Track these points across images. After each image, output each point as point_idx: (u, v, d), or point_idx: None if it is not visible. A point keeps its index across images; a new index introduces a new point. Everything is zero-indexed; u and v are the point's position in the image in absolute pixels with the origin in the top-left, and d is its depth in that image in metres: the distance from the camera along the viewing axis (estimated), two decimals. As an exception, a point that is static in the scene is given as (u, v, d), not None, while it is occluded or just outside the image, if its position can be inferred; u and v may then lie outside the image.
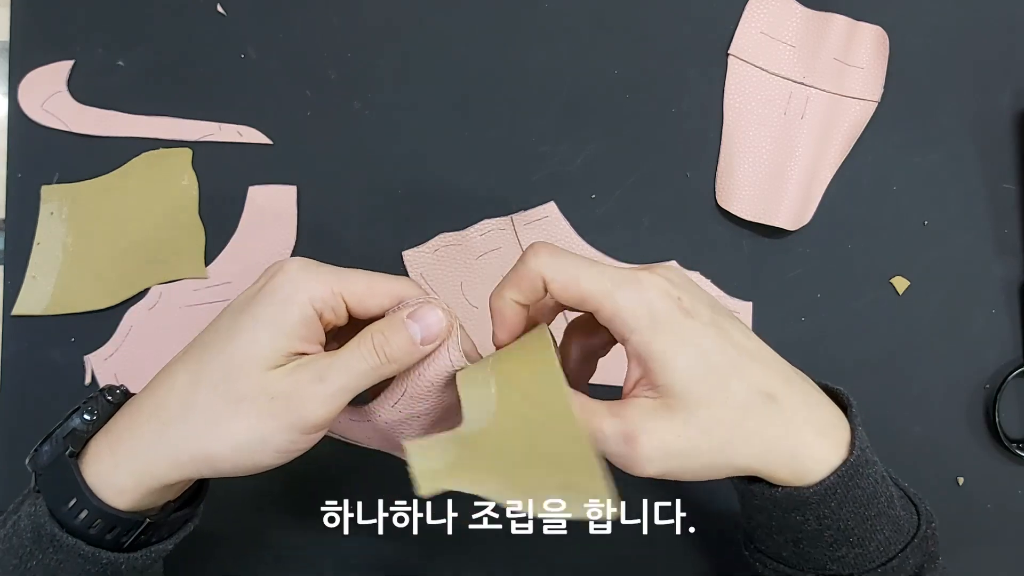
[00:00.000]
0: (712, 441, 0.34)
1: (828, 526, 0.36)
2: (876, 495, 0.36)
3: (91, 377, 0.50)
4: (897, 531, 0.37)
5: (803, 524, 0.36)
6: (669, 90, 0.54)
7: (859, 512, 0.36)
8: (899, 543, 0.37)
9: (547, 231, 0.52)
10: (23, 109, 0.52)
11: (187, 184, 0.52)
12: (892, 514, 0.37)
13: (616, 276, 0.35)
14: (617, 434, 0.34)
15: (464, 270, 0.52)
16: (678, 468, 0.34)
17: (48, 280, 0.51)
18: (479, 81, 0.54)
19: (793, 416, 0.35)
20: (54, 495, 0.35)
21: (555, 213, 0.52)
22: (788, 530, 0.37)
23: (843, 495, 0.35)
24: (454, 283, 0.52)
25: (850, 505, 0.36)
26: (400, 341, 0.35)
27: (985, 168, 0.54)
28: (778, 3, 0.54)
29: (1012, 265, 0.54)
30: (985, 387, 0.53)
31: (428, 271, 0.52)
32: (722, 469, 0.35)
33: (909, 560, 0.37)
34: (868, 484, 0.36)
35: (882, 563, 0.36)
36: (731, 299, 0.53)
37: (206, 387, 0.34)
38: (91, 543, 0.34)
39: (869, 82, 0.54)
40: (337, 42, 0.54)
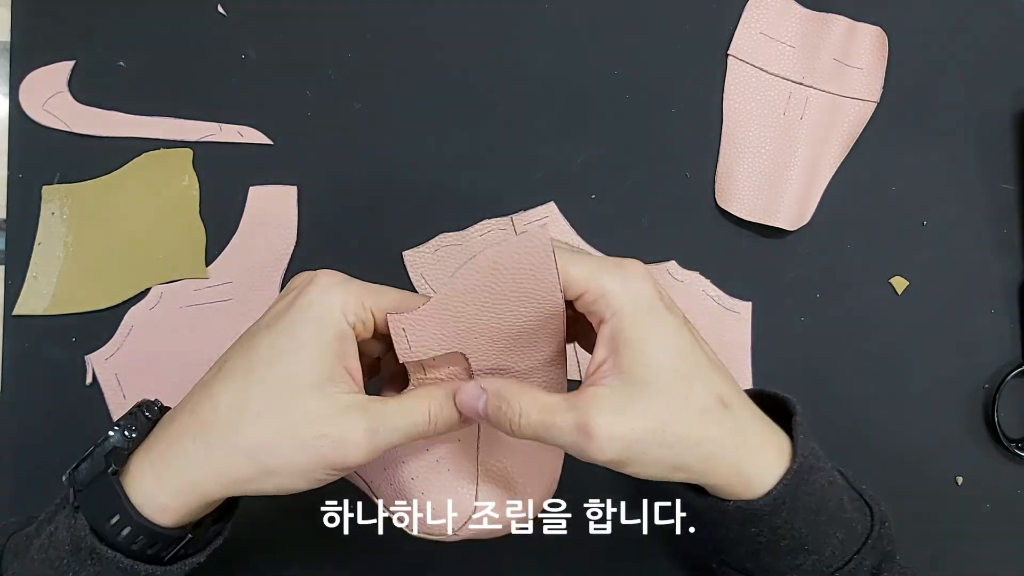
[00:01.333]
0: (666, 435, 0.34)
1: (783, 536, 0.37)
2: (825, 500, 0.37)
3: (92, 377, 0.50)
4: (851, 534, 0.38)
5: (758, 536, 0.37)
6: (669, 90, 0.54)
7: (810, 519, 0.37)
8: (854, 545, 0.38)
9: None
10: (24, 109, 0.52)
11: (188, 184, 0.52)
12: (844, 518, 0.38)
13: (602, 262, 0.36)
14: (572, 426, 0.34)
15: None
16: (628, 459, 0.34)
17: (49, 280, 0.51)
18: (479, 81, 0.54)
19: (744, 427, 0.36)
20: (95, 511, 0.35)
21: (555, 213, 0.52)
22: (746, 542, 0.38)
23: (791, 504, 0.36)
24: None
25: (800, 513, 0.36)
26: (451, 414, 0.37)
27: (984, 168, 0.54)
28: (778, 4, 0.54)
29: (1011, 265, 0.54)
30: (984, 387, 0.53)
31: (428, 271, 0.52)
32: (670, 466, 0.35)
33: (866, 561, 0.38)
34: (816, 491, 0.37)
35: (839, 567, 0.37)
36: (730, 299, 0.53)
37: (252, 411, 0.34)
38: (130, 557, 0.35)
39: (868, 82, 0.54)
40: (337, 42, 0.54)
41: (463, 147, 0.54)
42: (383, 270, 0.38)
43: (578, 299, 0.36)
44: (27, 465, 0.50)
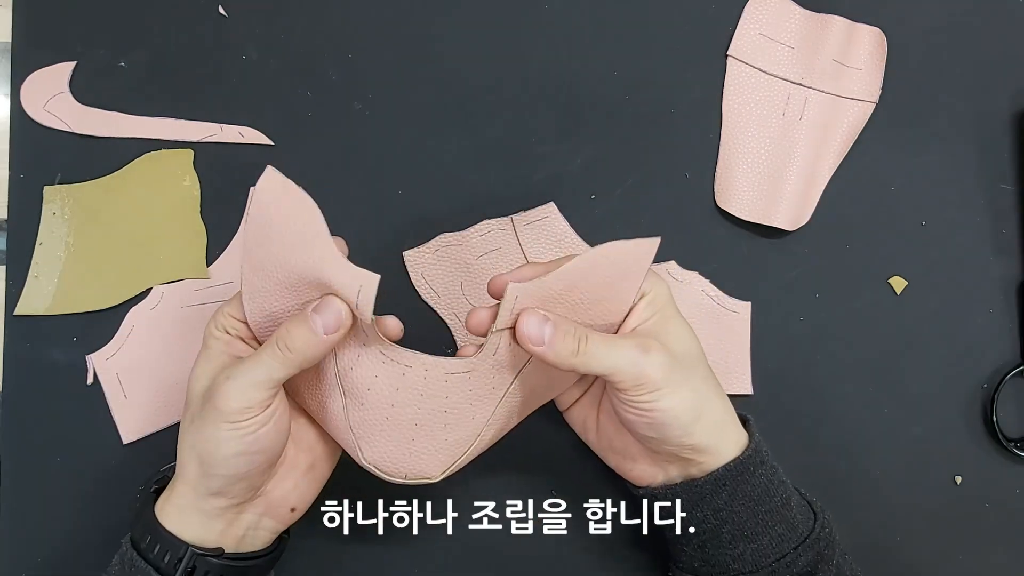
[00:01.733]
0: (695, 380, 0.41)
1: (724, 520, 0.41)
2: (769, 494, 0.42)
3: (93, 377, 0.51)
4: (791, 530, 0.41)
5: (703, 522, 0.42)
6: (669, 90, 0.54)
7: (751, 508, 0.41)
8: (793, 541, 0.41)
9: (547, 231, 0.52)
10: (25, 110, 0.52)
11: (189, 185, 0.52)
12: (786, 514, 0.42)
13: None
14: (633, 344, 0.39)
15: (464, 270, 0.52)
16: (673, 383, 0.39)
17: (50, 280, 0.51)
18: (479, 81, 0.54)
19: (734, 418, 0.43)
20: (136, 528, 0.41)
21: (555, 213, 0.53)
22: (694, 535, 0.42)
23: (733, 488, 0.41)
24: (455, 283, 0.52)
25: (741, 499, 0.41)
26: (300, 332, 0.38)
27: (983, 168, 0.54)
28: (777, 4, 0.54)
29: (1010, 265, 0.54)
30: (983, 387, 0.53)
31: (429, 271, 0.52)
32: (696, 411, 0.40)
33: (801, 557, 0.41)
34: (760, 482, 0.41)
35: (776, 559, 0.41)
36: (730, 299, 0.53)
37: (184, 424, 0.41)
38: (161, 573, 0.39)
39: (867, 83, 0.54)
40: (337, 42, 0.54)
41: (463, 147, 0.54)
42: (383, 270, 0.38)
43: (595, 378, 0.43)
44: (27, 465, 0.50)
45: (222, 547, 0.40)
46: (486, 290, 0.43)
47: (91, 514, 0.50)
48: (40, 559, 0.50)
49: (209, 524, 0.40)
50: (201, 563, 0.39)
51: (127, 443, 0.50)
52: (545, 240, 0.52)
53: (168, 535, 0.39)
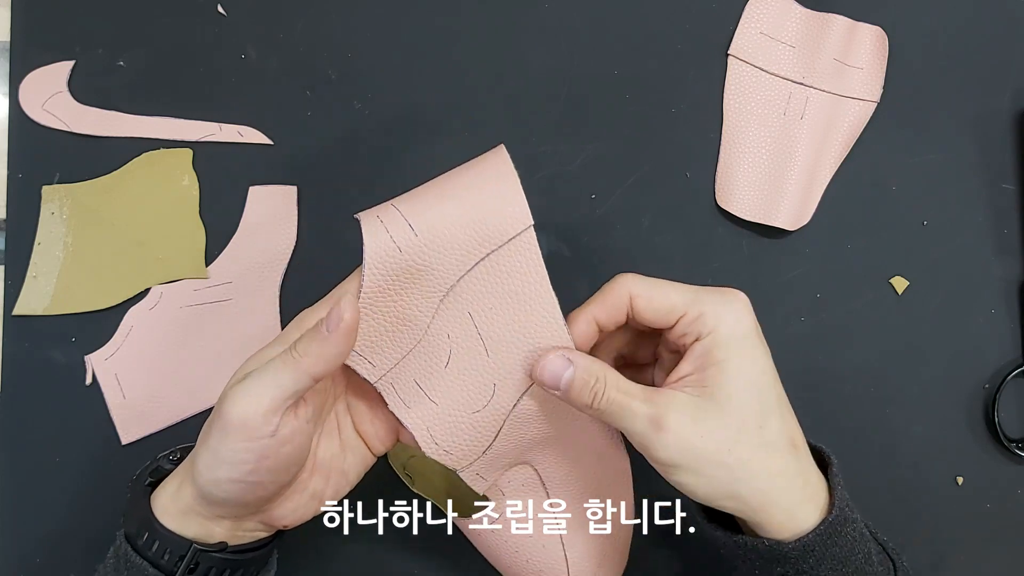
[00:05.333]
0: (731, 456, 0.36)
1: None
2: (854, 552, 0.38)
3: (91, 377, 0.50)
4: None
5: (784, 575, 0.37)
6: (669, 90, 0.54)
7: (836, 569, 0.37)
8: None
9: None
10: (24, 109, 0.52)
11: (187, 184, 0.52)
12: (869, 570, 0.38)
13: (702, 288, 0.38)
14: (646, 416, 0.36)
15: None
16: (687, 466, 0.36)
17: (49, 280, 0.51)
18: (479, 81, 0.54)
19: (805, 471, 0.38)
20: (131, 523, 0.39)
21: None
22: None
23: (821, 552, 0.36)
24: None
25: (828, 562, 0.37)
26: (308, 338, 0.36)
27: (984, 168, 0.54)
28: (778, 3, 0.54)
29: (1011, 265, 0.54)
30: (984, 387, 0.53)
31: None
32: (724, 489, 0.36)
33: None
34: (846, 542, 0.37)
35: None
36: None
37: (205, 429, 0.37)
38: (157, 568, 0.37)
39: (868, 82, 0.54)
40: (337, 42, 0.54)
41: (463, 147, 0.53)
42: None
43: (676, 323, 0.38)
44: (27, 465, 0.50)
45: (225, 542, 0.39)
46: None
47: (90, 514, 0.50)
48: (40, 559, 0.50)
49: (212, 526, 0.38)
50: (204, 559, 0.38)
51: (126, 443, 0.50)
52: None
53: (169, 533, 0.37)
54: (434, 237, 0.36)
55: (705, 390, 0.36)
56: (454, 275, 0.37)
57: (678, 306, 0.37)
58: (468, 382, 0.39)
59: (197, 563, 0.38)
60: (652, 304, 0.38)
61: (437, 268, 0.37)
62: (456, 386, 0.39)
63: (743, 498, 0.36)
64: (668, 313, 0.38)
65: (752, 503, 0.36)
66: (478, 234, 0.37)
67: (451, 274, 0.37)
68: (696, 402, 0.36)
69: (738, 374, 0.36)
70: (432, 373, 0.39)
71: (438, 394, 0.39)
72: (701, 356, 0.37)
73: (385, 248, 0.36)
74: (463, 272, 0.37)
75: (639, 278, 0.39)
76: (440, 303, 0.38)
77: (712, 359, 0.36)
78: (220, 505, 0.37)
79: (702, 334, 0.37)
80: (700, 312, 0.37)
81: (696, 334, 0.37)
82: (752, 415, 0.36)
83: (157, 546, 0.37)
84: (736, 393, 0.36)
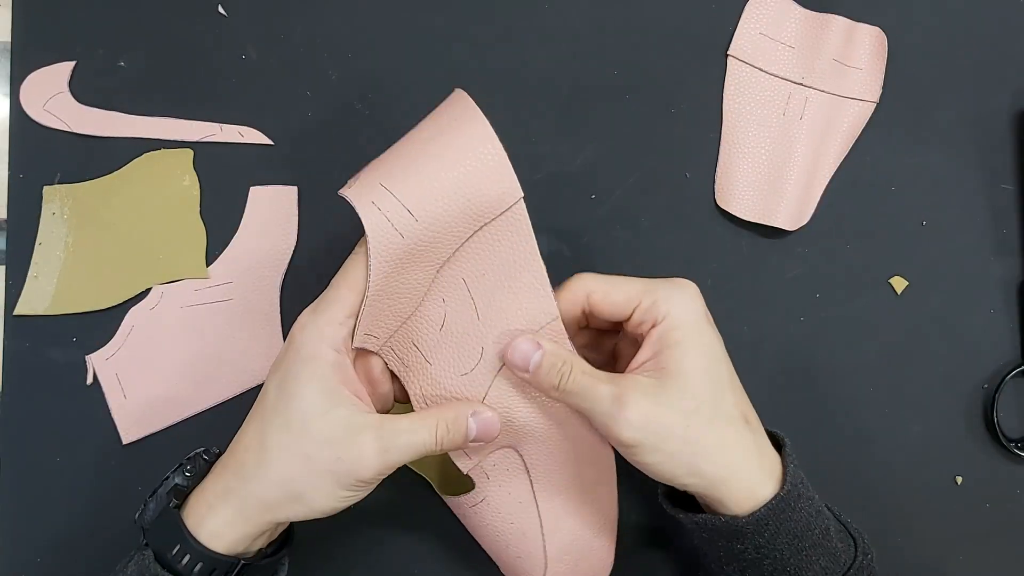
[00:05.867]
0: (688, 431, 0.37)
1: (766, 555, 0.39)
2: (810, 527, 0.39)
3: (92, 377, 0.51)
4: (833, 561, 0.40)
5: (744, 553, 0.39)
6: (669, 90, 0.54)
7: (793, 543, 0.39)
8: (835, 572, 0.39)
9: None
10: (25, 110, 0.52)
11: (188, 184, 0.52)
12: (828, 546, 0.40)
13: (649, 280, 0.40)
14: (610, 396, 0.37)
15: None
16: (648, 443, 0.37)
17: (50, 280, 0.51)
18: (479, 81, 0.54)
19: (759, 448, 0.40)
20: (160, 543, 0.38)
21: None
22: (734, 560, 0.40)
23: (776, 527, 0.38)
24: None
25: (783, 536, 0.39)
26: (457, 437, 0.39)
27: (983, 168, 0.54)
28: (777, 4, 0.54)
29: (1010, 265, 0.54)
30: (984, 387, 0.53)
31: None
32: (685, 465, 0.38)
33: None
34: (801, 517, 0.39)
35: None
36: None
37: (273, 447, 0.38)
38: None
39: (868, 83, 0.54)
40: (337, 42, 0.54)
41: (463, 147, 0.54)
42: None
43: (631, 315, 0.40)
44: (28, 465, 0.50)
45: (260, 548, 0.40)
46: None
47: (91, 514, 0.50)
48: (40, 559, 0.50)
49: (261, 539, 0.39)
50: (249, 571, 0.39)
51: (126, 443, 0.50)
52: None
53: (212, 553, 0.37)
54: (433, 220, 0.38)
55: (663, 371, 0.38)
56: (451, 248, 0.39)
57: (632, 296, 0.39)
58: (459, 344, 0.41)
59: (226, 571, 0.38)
60: (608, 298, 0.40)
61: (436, 245, 0.39)
62: (448, 347, 0.41)
63: (703, 473, 0.38)
64: (624, 305, 0.40)
65: (712, 477, 0.38)
66: (472, 209, 0.38)
67: (448, 247, 0.39)
68: (655, 383, 0.38)
69: (692, 353, 0.38)
70: (428, 334, 0.40)
71: (432, 354, 0.41)
72: (657, 340, 0.39)
73: (388, 237, 0.37)
74: (459, 244, 0.39)
75: (594, 275, 0.41)
76: (437, 274, 0.40)
77: (667, 341, 0.38)
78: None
79: (657, 320, 0.39)
80: (654, 300, 0.39)
81: (652, 321, 0.39)
82: (707, 391, 0.38)
83: (200, 568, 0.37)
84: (691, 371, 0.38)
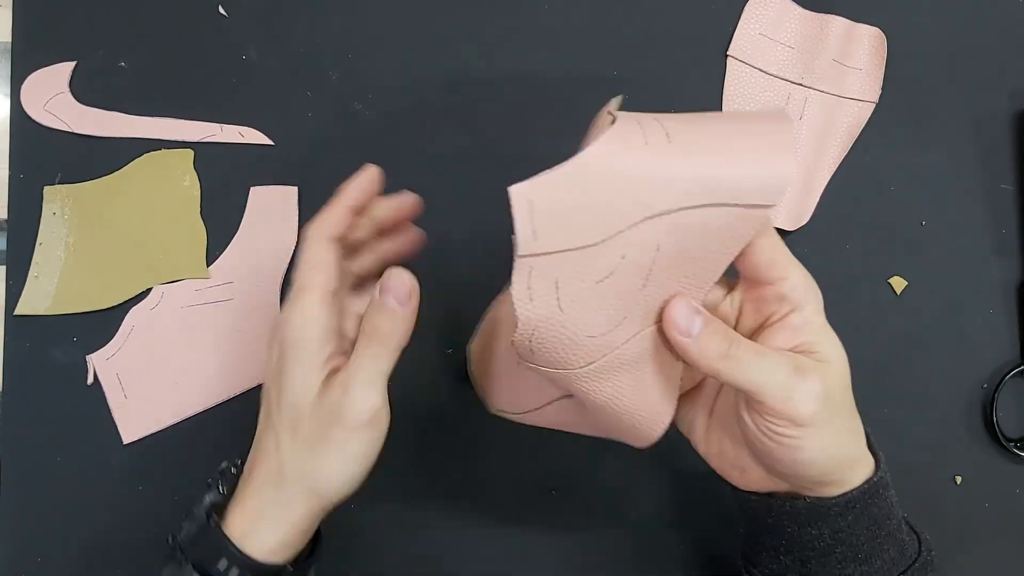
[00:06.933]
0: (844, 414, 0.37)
1: (841, 540, 0.38)
2: (889, 516, 0.39)
3: (93, 377, 0.51)
4: (901, 554, 0.39)
5: (817, 540, 0.38)
6: (669, 90, 0.54)
7: (871, 530, 0.38)
8: (901, 565, 0.39)
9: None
10: (25, 110, 0.52)
11: (189, 184, 0.52)
12: (899, 537, 0.39)
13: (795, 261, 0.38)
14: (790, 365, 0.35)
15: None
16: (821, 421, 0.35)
17: (50, 280, 0.51)
18: (479, 81, 0.54)
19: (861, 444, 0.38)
20: (203, 560, 0.37)
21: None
22: (798, 549, 0.39)
23: (861, 509, 0.37)
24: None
25: (865, 521, 0.38)
26: (382, 318, 0.37)
27: (983, 168, 0.54)
28: (777, 4, 0.54)
29: (1010, 265, 0.54)
30: (983, 387, 0.53)
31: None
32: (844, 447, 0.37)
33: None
34: (884, 504, 0.38)
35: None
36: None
37: (287, 442, 0.38)
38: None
39: (867, 83, 0.54)
40: (337, 42, 0.54)
41: (462, 147, 0.54)
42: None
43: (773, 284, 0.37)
44: (28, 465, 0.50)
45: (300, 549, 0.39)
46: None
47: (91, 514, 0.50)
48: (40, 559, 0.50)
49: (299, 543, 0.39)
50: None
51: (127, 443, 0.50)
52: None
53: (262, 564, 0.37)
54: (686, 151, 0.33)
55: (815, 356, 0.36)
56: (675, 202, 0.33)
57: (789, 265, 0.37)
58: (608, 306, 0.35)
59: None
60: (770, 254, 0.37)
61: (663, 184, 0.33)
62: (594, 305, 0.35)
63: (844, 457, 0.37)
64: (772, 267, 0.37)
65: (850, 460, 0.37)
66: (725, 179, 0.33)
67: (673, 198, 0.33)
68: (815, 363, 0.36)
69: (834, 342, 0.37)
70: (579, 282, 0.34)
71: (569, 304, 0.35)
72: (803, 325, 0.37)
73: (631, 133, 0.33)
74: (686, 205, 0.33)
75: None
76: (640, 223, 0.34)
77: (813, 328, 0.37)
78: (334, 505, 0.38)
79: (799, 304, 0.37)
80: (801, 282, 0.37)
81: (795, 303, 0.37)
82: (847, 387, 0.37)
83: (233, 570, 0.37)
84: (837, 359, 0.37)
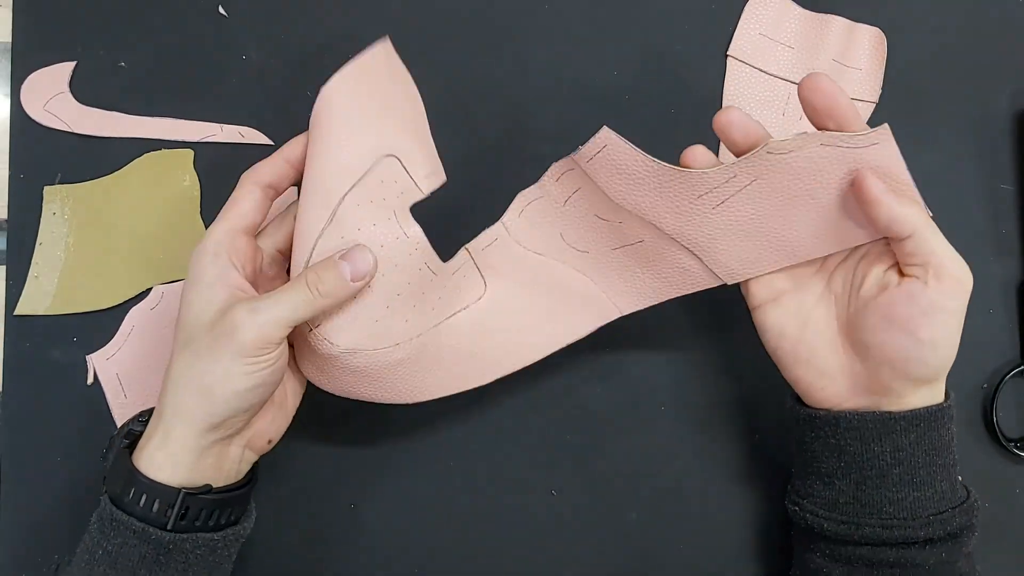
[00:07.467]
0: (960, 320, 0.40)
1: (900, 460, 0.40)
2: (948, 449, 0.41)
3: (93, 377, 0.51)
4: (952, 490, 0.41)
5: (878, 457, 0.40)
6: (669, 90, 0.54)
7: (930, 455, 0.40)
8: (953, 501, 0.41)
9: (611, 162, 0.45)
10: (25, 110, 0.52)
11: (188, 185, 0.52)
12: (953, 475, 0.41)
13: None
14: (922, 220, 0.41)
15: (559, 218, 0.48)
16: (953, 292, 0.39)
17: (50, 280, 0.51)
18: (480, 81, 0.54)
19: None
20: (114, 484, 0.39)
21: (613, 138, 0.45)
22: (856, 469, 0.41)
23: (923, 431, 0.40)
24: (553, 235, 0.48)
25: (925, 444, 0.40)
26: (331, 278, 0.39)
27: (983, 168, 0.54)
28: (777, 4, 0.54)
29: (1010, 265, 0.54)
30: (983, 387, 0.53)
31: (522, 235, 0.48)
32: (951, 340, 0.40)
33: (955, 519, 0.40)
34: (946, 435, 0.41)
35: (934, 513, 0.40)
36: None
37: (177, 354, 0.40)
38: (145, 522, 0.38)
39: (867, 83, 0.54)
40: (337, 42, 0.54)
41: (462, 147, 0.54)
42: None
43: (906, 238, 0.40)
44: (28, 465, 0.51)
45: (210, 484, 0.40)
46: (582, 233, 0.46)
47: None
48: (40, 559, 0.50)
49: (200, 463, 0.40)
50: (193, 502, 0.39)
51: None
52: (615, 174, 0.45)
53: (156, 484, 0.38)
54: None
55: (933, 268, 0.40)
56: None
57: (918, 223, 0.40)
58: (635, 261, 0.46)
59: (187, 508, 0.39)
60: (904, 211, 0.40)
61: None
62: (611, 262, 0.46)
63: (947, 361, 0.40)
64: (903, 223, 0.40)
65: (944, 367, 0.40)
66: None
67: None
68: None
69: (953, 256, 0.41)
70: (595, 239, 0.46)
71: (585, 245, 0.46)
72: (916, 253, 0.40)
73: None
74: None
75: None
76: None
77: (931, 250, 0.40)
78: (223, 424, 0.39)
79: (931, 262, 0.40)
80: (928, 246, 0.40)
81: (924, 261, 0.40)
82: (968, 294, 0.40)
83: (144, 500, 0.38)
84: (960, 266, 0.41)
